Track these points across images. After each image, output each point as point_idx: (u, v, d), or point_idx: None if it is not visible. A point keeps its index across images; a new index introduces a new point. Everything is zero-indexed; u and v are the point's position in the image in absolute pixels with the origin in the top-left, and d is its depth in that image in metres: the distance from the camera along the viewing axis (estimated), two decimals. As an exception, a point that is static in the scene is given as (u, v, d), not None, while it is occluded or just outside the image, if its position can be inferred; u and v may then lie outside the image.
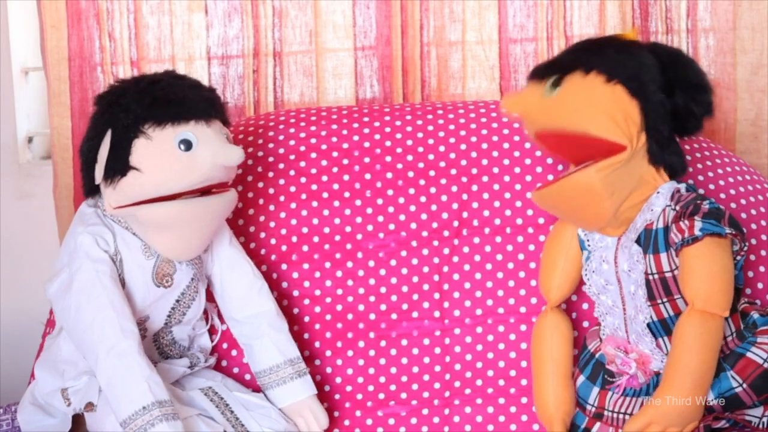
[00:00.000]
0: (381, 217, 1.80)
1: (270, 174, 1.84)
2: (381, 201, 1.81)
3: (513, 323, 1.75)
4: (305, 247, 1.79)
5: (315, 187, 1.82)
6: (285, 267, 1.79)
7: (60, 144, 2.24)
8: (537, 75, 1.57)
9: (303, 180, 1.83)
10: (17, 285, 2.33)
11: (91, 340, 1.53)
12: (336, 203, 1.81)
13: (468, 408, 1.73)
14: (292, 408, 1.67)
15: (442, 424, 1.73)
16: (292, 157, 1.85)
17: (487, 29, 2.21)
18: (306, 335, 1.77)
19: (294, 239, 1.80)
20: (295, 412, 1.67)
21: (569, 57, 1.56)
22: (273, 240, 1.80)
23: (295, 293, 1.78)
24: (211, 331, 1.77)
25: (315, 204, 1.81)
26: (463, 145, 1.84)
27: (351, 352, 1.77)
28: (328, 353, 1.77)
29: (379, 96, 2.23)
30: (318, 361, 1.77)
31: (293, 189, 1.82)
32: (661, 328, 1.52)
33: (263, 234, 1.81)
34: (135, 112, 1.53)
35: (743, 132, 2.17)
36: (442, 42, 2.21)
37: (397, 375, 1.76)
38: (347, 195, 1.81)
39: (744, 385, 1.49)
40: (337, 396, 1.76)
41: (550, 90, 1.52)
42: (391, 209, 1.80)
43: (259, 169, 1.84)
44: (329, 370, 1.77)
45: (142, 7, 2.22)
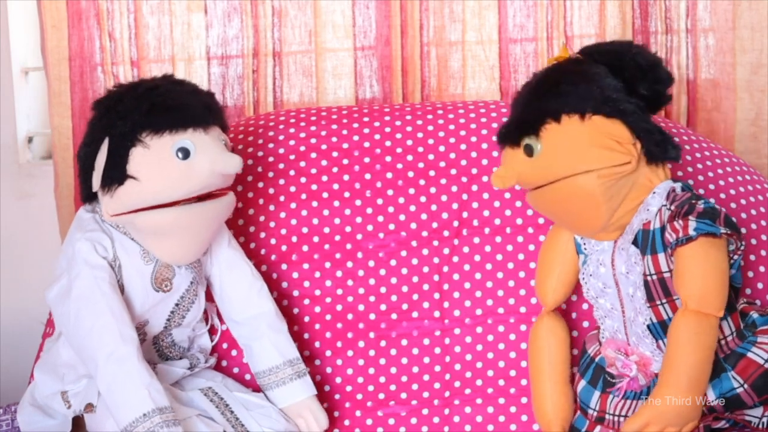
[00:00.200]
0: (381, 217, 1.80)
1: (270, 174, 1.83)
2: (381, 201, 1.81)
3: (513, 323, 1.75)
4: (305, 247, 1.79)
5: (315, 187, 1.82)
6: (285, 267, 1.79)
7: (61, 144, 2.25)
8: (508, 141, 1.54)
9: (303, 180, 1.83)
10: (17, 285, 2.33)
11: (91, 346, 1.52)
12: (336, 203, 1.81)
13: (468, 408, 1.73)
14: (291, 409, 1.67)
15: (442, 424, 1.73)
16: (292, 157, 1.84)
17: (487, 29, 2.21)
18: (306, 335, 1.77)
19: (294, 239, 1.80)
20: (295, 412, 1.67)
21: (531, 113, 1.52)
22: (273, 240, 1.80)
23: (295, 293, 1.78)
24: (211, 332, 1.76)
25: (315, 204, 1.81)
26: (463, 145, 1.84)
27: (351, 352, 1.76)
28: (328, 353, 1.77)
29: (379, 96, 2.23)
30: (318, 361, 1.77)
31: (293, 189, 1.82)
32: (661, 329, 1.52)
33: (263, 234, 1.81)
34: (132, 119, 1.52)
35: (743, 132, 2.17)
36: (442, 42, 2.21)
37: (397, 375, 1.75)
38: (347, 195, 1.81)
39: (745, 386, 1.49)
40: (337, 396, 1.76)
41: (529, 150, 1.50)
42: (391, 209, 1.80)
43: (259, 169, 1.84)
44: (329, 370, 1.77)
45: (142, 7, 2.22)
